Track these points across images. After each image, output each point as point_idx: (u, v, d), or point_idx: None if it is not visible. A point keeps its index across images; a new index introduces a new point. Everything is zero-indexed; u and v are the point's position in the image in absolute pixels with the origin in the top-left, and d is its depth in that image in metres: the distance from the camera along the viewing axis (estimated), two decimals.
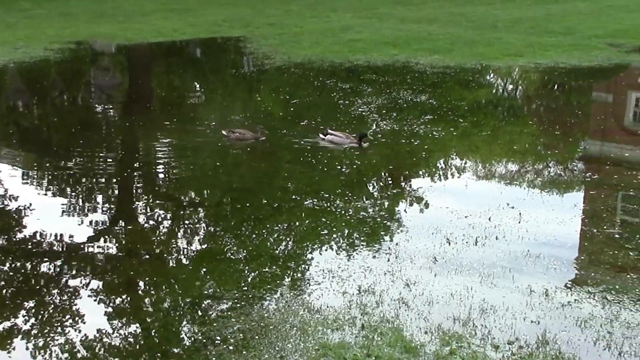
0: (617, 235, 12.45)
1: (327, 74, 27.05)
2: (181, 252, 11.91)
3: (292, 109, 21.81)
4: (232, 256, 11.57)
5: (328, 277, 10.67)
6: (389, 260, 11.25)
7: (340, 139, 17.50)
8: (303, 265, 11.26)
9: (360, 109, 21.32)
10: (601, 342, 9.00)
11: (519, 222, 12.75)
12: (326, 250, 11.78)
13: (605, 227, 12.68)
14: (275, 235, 12.37)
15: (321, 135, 17.68)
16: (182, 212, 13.61)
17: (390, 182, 15.45)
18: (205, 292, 10.36)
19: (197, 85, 27.78)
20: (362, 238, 12.26)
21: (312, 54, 30.49)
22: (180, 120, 20.62)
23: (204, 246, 12.14)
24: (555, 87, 27.52)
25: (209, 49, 34.71)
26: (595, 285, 10.48)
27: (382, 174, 15.91)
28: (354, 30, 36.96)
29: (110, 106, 24.00)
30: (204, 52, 34.82)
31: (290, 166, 16.18)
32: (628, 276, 10.75)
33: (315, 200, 13.82)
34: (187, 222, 13.19)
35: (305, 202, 13.74)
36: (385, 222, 13.02)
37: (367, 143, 17.37)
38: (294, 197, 14.09)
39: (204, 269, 11.10)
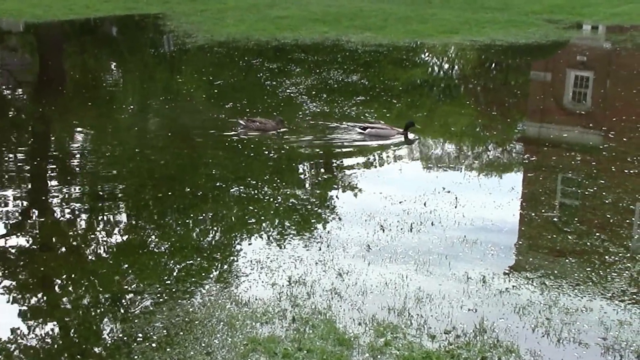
0: (555, 219, 12.79)
1: (253, 53, 27.04)
2: (100, 246, 11.83)
3: (215, 91, 21.77)
4: (154, 249, 11.55)
5: (256, 269, 10.74)
6: (320, 250, 11.36)
7: (385, 131, 17.18)
8: (230, 257, 11.31)
9: (288, 90, 21.39)
10: (540, 329, 9.26)
11: (455, 207, 12.99)
12: (254, 240, 11.83)
13: (543, 211, 13.01)
14: (200, 226, 12.39)
15: (358, 130, 17.36)
16: (99, 203, 13.49)
17: (321, 167, 15.56)
18: (127, 287, 10.33)
19: (114, 67, 27.50)
20: (292, 226, 12.35)
21: (237, 32, 30.43)
22: (96, 104, 20.42)
23: (124, 239, 12.08)
24: (493, 65, 27.97)
25: (125, 27, 34.37)
26: (534, 271, 10.76)
27: (313, 159, 15.99)
28: (281, 6, 36.99)
29: (20, 90, 23.61)
30: (120, 30, 34.45)
31: (215, 152, 16.18)
32: (567, 260, 11.06)
33: (242, 187, 13.86)
34: (105, 213, 13.09)
35: (232, 190, 13.78)
36: (317, 209, 13.14)
37: (414, 134, 17.22)
38: (219, 184, 14.10)
39: (125, 263, 11.04)
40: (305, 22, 32.97)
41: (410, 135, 17.05)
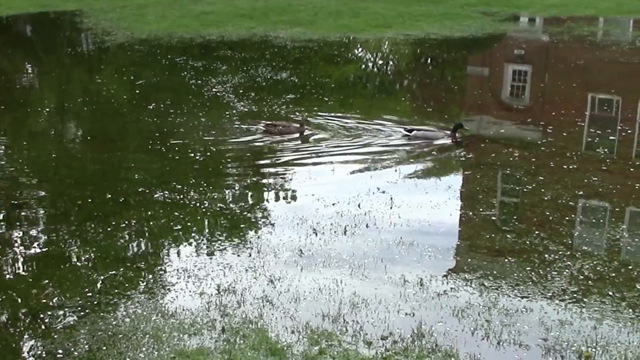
0: (494, 218, 13.00)
1: (177, 51, 26.92)
2: (17, 258, 11.66)
3: (137, 91, 21.63)
4: (74, 260, 11.43)
5: (183, 277, 10.70)
6: (250, 256, 11.37)
7: (433, 133, 17.20)
8: (155, 266, 11.24)
9: (214, 89, 21.36)
10: (479, 332, 9.39)
11: (391, 208, 13.11)
12: (181, 247, 11.79)
13: (481, 210, 13.21)
14: (123, 234, 12.29)
15: (404, 132, 17.33)
16: (15, 212, 13.30)
17: (250, 170, 15.55)
18: (46, 301, 10.21)
19: (29, 68, 27.12)
20: (220, 232, 12.34)
21: (159, 29, 30.26)
22: (10, 107, 20.12)
23: (42, 250, 11.92)
24: (428, 60, 28.26)
25: (40, 25, 33.94)
26: (473, 272, 10.92)
27: (240, 160, 15.98)
28: (205, 1, 36.90)
29: None
30: (34, 29, 33.99)
31: (137, 156, 16.08)
32: (506, 260, 11.24)
33: (167, 192, 13.80)
34: (22, 223, 12.90)
35: (156, 195, 13.70)
36: (246, 213, 13.14)
37: (460, 136, 17.28)
38: (142, 189, 14.01)
39: (44, 276, 10.90)
40: (232, 17, 32.92)
41: (459, 138, 17.16)
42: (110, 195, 13.75)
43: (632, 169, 15.39)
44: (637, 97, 21.26)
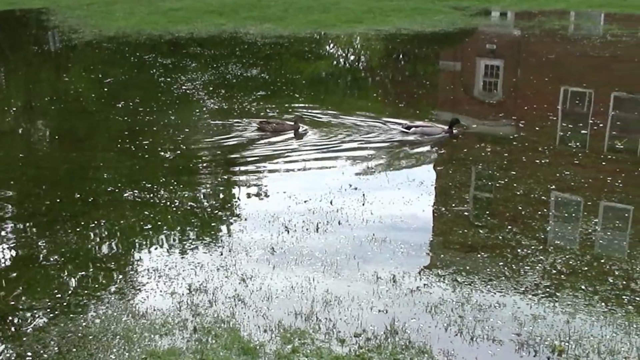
0: (466, 213, 13.06)
1: (145, 48, 26.83)
2: None
3: (106, 90, 21.54)
4: (43, 261, 11.37)
5: (154, 277, 10.68)
6: (222, 254, 11.37)
7: (431, 129, 17.34)
8: (125, 266, 11.21)
9: (184, 87, 21.32)
10: (453, 328, 9.44)
11: (363, 205, 13.15)
12: (151, 247, 11.76)
13: (454, 205, 13.27)
14: (92, 234, 12.24)
15: (402, 129, 17.44)
16: None
17: (220, 167, 15.53)
18: (14, 303, 10.15)
19: None
20: (191, 231, 12.32)
21: (127, 26, 30.14)
22: None
23: (10, 251, 11.85)
24: (400, 56, 28.33)
25: (5, 23, 33.70)
26: (445, 268, 10.97)
27: (211, 158, 15.96)
28: None
29: None
30: (0, 26, 33.73)
31: (106, 155, 16.01)
32: (479, 255, 11.30)
33: (136, 191, 13.77)
34: None
35: (125, 194, 13.66)
36: (217, 212, 13.13)
37: (457, 130, 17.40)
38: (111, 189, 13.97)
39: (12, 278, 10.85)
40: (201, 14, 32.85)
41: (455, 132, 17.31)
42: (79, 195, 13.69)
43: (604, 163, 15.50)
44: (608, 91, 21.43)
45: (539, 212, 12.93)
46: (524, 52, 29.20)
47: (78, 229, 12.31)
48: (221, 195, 13.96)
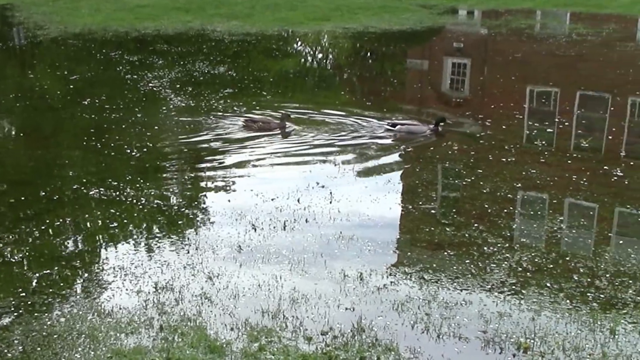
0: (433, 211, 13.11)
1: (112, 45, 26.69)
2: None
3: (72, 87, 21.40)
4: (8, 259, 11.26)
5: (120, 276, 10.63)
6: (188, 252, 11.34)
7: (417, 127, 17.34)
8: (91, 264, 11.14)
9: (151, 84, 21.23)
10: (419, 325, 9.48)
11: (330, 203, 13.16)
12: (117, 245, 11.71)
13: (421, 203, 13.31)
14: (58, 232, 12.15)
15: (388, 127, 17.41)
16: None
17: (187, 166, 15.47)
18: None
19: None
20: (157, 229, 12.28)
21: (93, 23, 29.96)
22: None
23: None
24: (368, 54, 28.39)
25: None
26: (412, 265, 11.01)
27: (178, 156, 15.91)
28: None
29: None
30: None
31: (71, 152, 15.91)
32: (445, 253, 11.35)
33: (102, 189, 13.69)
34: None
35: (91, 192, 13.58)
36: (184, 210, 13.09)
37: (442, 128, 17.44)
38: (76, 187, 13.88)
39: None
40: (167, 10, 32.72)
41: (440, 130, 17.39)
42: (44, 193, 13.60)
43: (569, 161, 15.62)
44: (574, 90, 21.59)
45: (505, 210, 13.01)
46: (490, 51, 29.36)
47: (43, 227, 12.23)
48: (188, 193, 13.91)
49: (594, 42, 29.65)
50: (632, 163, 15.73)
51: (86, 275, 10.80)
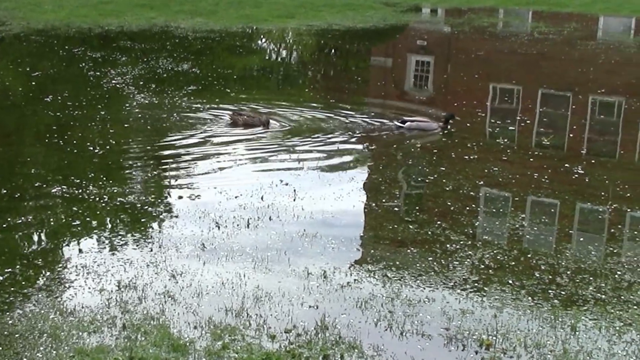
0: (396, 209, 13.14)
1: (75, 41, 26.50)
2: None
3: (34, 83, 21.22)
4: None
5: (83, 274, 10.53)
6: (152, 250, 11.27)
7: (427, 124, 17.33)
8: (53, 263, 11.05)
9: (114, 81, 21.10)
10: (382, 323, 9.50)
11: (294, 200, 13.15)
12: (80, 243, 11.60)
13: (384, 201, 13.34)
14: (19, 230, 12.03)
15: (397, 124, 17.36)
16: None
17: (151, 163, 15.38)
18: None
19: None
20: (120, 227, 12.20)
21: (56, 19, 29.72)
22: None
23: None
24: (332, 51, 28.41)
25: None
26: (376, 263, 11.03)
27: (141, 153, 15.82)
28: None
29: None
30: None
31: (33, 149, 15.78)
32: (409, 251, 11.39)
33: (65, 187, 13.56)
34: None
35: (53, 190, 13.45)
36: (147, 208, 13.00)
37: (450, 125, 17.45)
38: (38, 184, 13.75)
39: None
40: (131, 7, 32.53)
41: (449, 127, 17.43)
42: (5, 191, 13.45)
43: (531, 159, 15.74)
44: (536, 88, 21.75)
45: (468, 208, 13.07)
46: (454, 49, 29.50)
47: (4, 225, 12.09)
48: (151, 191, 13.83)
49: (556, 41, 29.89)
50: (593, 161, 15.88)
51: (48, 273, 10.71)
